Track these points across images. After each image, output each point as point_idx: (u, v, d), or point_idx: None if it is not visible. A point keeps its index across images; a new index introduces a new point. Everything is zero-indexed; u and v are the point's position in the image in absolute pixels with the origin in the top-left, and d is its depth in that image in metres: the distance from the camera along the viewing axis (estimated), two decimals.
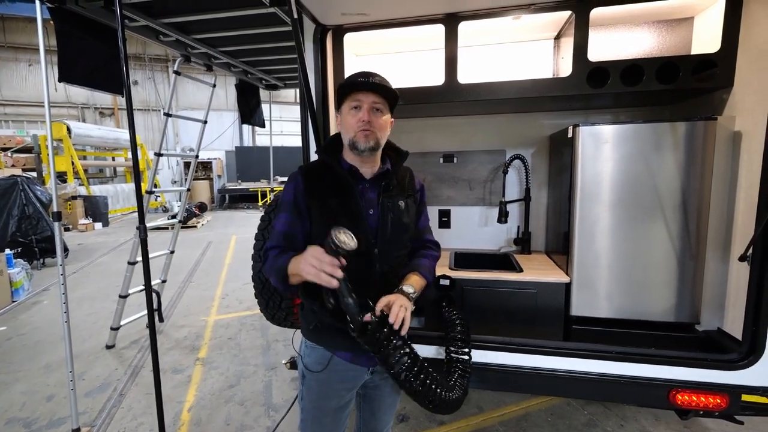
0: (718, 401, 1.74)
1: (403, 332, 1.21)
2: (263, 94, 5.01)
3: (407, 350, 1.20)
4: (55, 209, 2.35)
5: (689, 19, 2.21)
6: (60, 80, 2.47)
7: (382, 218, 1.33)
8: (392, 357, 1.17)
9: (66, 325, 2.40)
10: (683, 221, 1.95)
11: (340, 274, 1.11)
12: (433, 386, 1.22)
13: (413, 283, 1.35)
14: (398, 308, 1.21)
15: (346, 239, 1.09)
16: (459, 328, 1.48)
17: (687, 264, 1.97)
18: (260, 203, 14.83)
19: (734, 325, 1.86)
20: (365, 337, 1.16)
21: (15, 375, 3.26)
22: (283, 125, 16.95)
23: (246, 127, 16.97)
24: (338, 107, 1.35)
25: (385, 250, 1.34)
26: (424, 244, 1.57)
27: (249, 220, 11.91)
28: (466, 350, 1.47)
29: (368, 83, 1.27)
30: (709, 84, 1.89)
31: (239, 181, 15.71)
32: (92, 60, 2.55)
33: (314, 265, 1.11)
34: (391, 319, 1.18)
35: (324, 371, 1.37)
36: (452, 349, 1.49)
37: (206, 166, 16.00)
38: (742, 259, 1.71)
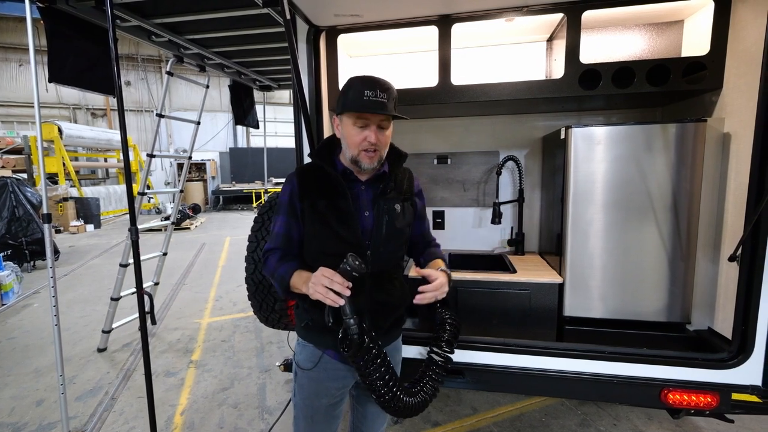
0: (709, 400, 1.75)
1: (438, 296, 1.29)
2: (257, 95, 4.99)
3: (385, 368, 1.29)
4: (44, 211, 2.32)
5: (679, 22, 2.24)
6: (50, 80, 2.44)
7: (377, 221, 1.33)
8: (371, 375, 1.27)
9: (56, 328, 2.37)
10: (674, 222, 1.97)
11: (347, 293, 1.15)
12: (399, 394, 1.31)
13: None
14: (439, 286, 1.28)
15: (358, 265, 1.16)
16: (448, 329, 1.48)
17: (678, 264, 1.99)
18: (254, 205, 14.77)
19: (724, 324, 1.88)
20: (354, 357, 1.25)
21: (4, 380, 3.21)
22: (277, 126, 16.89)
23: (240, 129, 16.90)
24: (340, 112, 1.30)
25: (377, 252, 1.34)
26: (430, 243, 1.59)
27: (243, 222, 11.85)
28: (448, 350, 1.47)
29: (379, 105, 1.21)
30: (698, 86, 1.92)
31: (233, 182, 15.64)
32: (83, 60, 2.52)
33: (325, 285, 1.14)
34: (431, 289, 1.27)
35: (314, 369, 1.38)
36: (435, 349, 1.50)
37: (200, 167, 15.92)
38: (731, 259, 1.73)
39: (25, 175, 9.75)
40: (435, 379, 1.43)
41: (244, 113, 4.69)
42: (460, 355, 2.00)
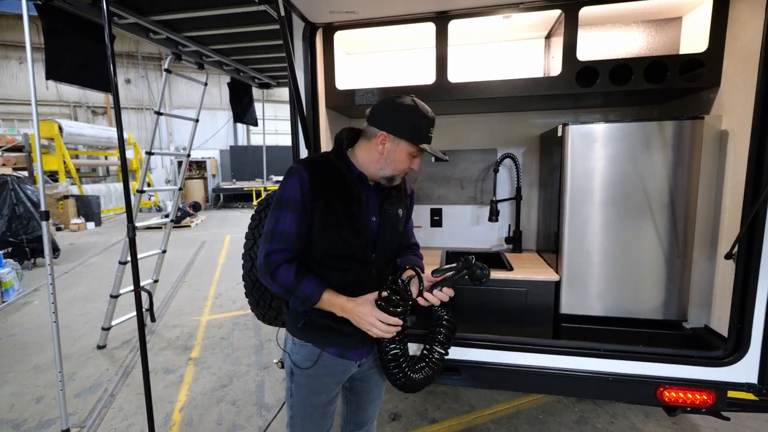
0: (705, 398, 1.76)
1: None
2: (257, 92, 4.98)
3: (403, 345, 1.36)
4: (42, 208, 2.33)
5: (677, 18, 2.23)
6: (47, 78, 2.44)
7: (382, 225, 1.36)
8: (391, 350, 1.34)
9: (54, 325, 2.38)
10: (671, 220, 1.97)
11: (399, 326, 1.25)
12: (407, 370, 1.38)
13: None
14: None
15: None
16: (444, 328, 1.48)
17: (675, 262, 1.99)
18: (254, 202, 14.77)
19: (721, 322, 1.88)
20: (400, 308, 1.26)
21: (4, 376, 3.22)
22: (278, 124, 16.88)
23: (240, 126, 16.90)
24: (402, 136, 1.27)
25: (380, 255, 1.37)
26: (410, 246, 1.60)
27: (243, 220, 11.85)
28: (444, 350, 1.48)
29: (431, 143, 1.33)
30: (696, 83, 1.91)
31: (234, 180, 15.65)
32: (80, 57, 2.52)
33: (382, 330, 1.22)
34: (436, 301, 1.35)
35: (313, 367, 1.38)
36: (432, 345, 1.51)
37: (200, 165, 15.92)
38: (728, 257, 1.73)
39: (25, 173, 9.76)
40: (434, 365, 1.45)
41: (243, 111, 4.67)
42: (457, 353, 2.00)
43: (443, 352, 1.48)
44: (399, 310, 1.22)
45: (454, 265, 1.35)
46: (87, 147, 13.37)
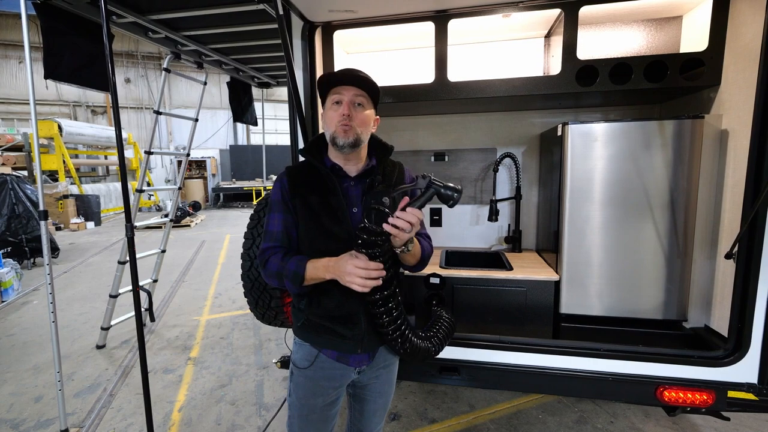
0: (705, 398, 1.75)
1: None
2: (257, 92, 4.97)
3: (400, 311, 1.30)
4: (41, 208, 2.32)
5: (678, 17, 2.22)
6: (46, 77, 2.44)
7: (365, 216, 1.32)
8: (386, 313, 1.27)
9: (53, 325, 2.37)
10: (671, 219, 1.96)
11: (383, 273, 1.16)
12: (408, 333, 1.33)
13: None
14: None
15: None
16: (444, 326, 1.47)
17: (675, 262, 1.98)
18: (254, 202, 14.77)
19: (721, 322, 1.88)
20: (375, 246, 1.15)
21: (3, 376, 3.22)
22: (278, 124, 16.87)
23: (240, 126, 16.89)
24: (322, 100, 1.36)
25: None
26: (420, 235, 1.49)
27: (243, 219, 11.85)
28: (438, 344, 1.46)
29: (347, 76, 1.27)
30: (696, 82, 1.90)
31: (233, 179, 15.65)
32: (79, 56, 2.51)
33: (362, 276, 1.14)
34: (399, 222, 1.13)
35: (310, 368, 1.38)
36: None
37: (200, 164, 15.92)
38: (728, 256, 1.72)
39: (25, 173, 9.76)
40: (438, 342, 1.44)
41: (242, 110, 4.66)
42: (457, 353, 2.00)
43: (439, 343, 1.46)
44: (373, 251, 1.14)
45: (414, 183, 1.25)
46: (87, 146, 13.37)
